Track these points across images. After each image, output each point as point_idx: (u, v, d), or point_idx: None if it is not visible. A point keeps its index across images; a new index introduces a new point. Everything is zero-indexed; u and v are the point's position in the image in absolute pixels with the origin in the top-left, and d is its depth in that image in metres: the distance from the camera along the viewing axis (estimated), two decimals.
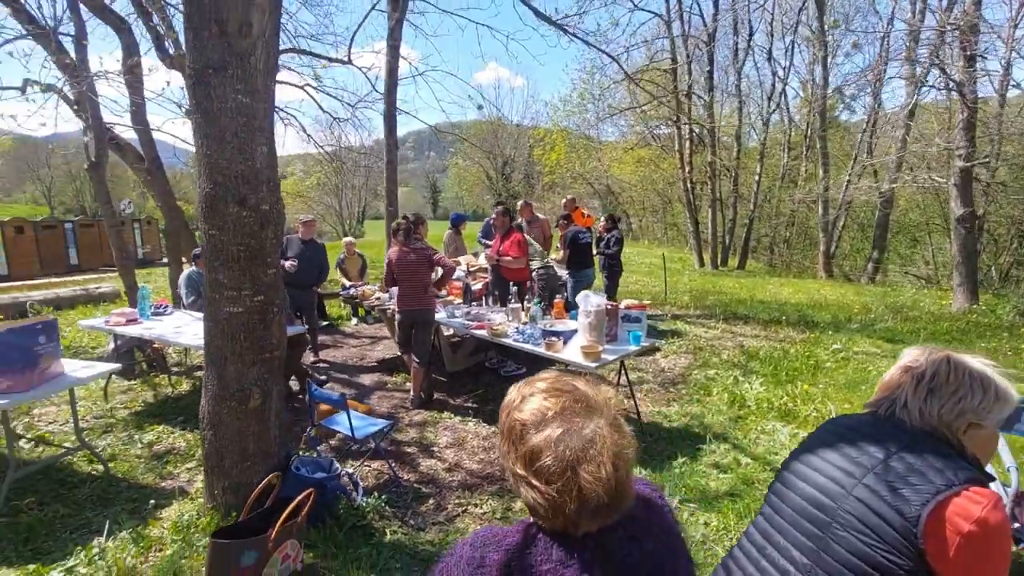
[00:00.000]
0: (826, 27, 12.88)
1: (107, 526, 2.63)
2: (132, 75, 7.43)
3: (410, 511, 2.98)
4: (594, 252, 6.63)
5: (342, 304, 8.03)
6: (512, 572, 0.82)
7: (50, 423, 4.11)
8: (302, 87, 11.71)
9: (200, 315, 3.51)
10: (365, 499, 2.95)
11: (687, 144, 16.47)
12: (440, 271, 4.15)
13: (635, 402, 4.20)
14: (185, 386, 4.93)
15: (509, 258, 4.89)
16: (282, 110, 12.34)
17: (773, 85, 16.60)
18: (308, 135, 13.85)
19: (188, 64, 2.30)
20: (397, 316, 4.19)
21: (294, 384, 4.79)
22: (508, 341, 3.90)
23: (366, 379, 5.24)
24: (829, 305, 9.03)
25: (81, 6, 6.49)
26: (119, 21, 7.33)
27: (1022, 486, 2.22)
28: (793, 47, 16.17)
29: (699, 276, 13.55)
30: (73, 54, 6.67)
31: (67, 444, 3.59)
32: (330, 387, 4.92)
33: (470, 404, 4.54)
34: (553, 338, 3.62)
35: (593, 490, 0.79)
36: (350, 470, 3.30)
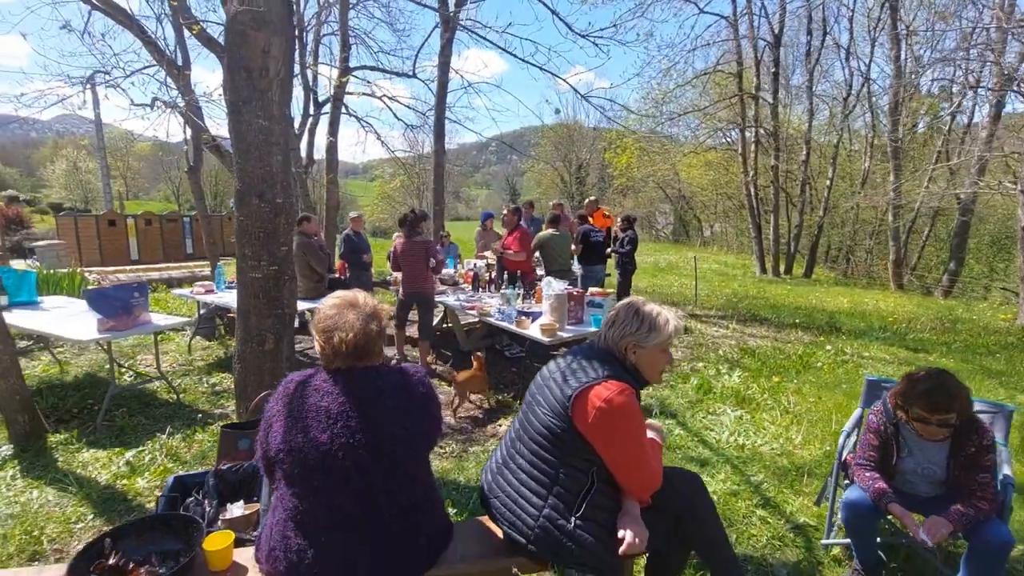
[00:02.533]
0: (899, 26, 12.16)
1: (167, 430, 3.65)
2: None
3: None
4: (608, 250, 7.09)
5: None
6: (300, 385, 1.54)
7: (147, 366, 5.36)
8: (379, 97, 13.05)
9: None
10: None
11: (751, 147, 16.11)
12: (434, 261, 4.88)
13: None
14: None
15: (511, 252, 5.55)
16: (361, 119, 13.77)
17: (850, 85, 15.73)
18: (382, 141, 15.18)
19: (226, 97, 3.23)
20: (399, 297, 4.99)
21: None
22: (491, 320, 4.57)
23: (389, 351, 6.13)
24: (870, 314, 8.75)
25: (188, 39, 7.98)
26: (222, 50, 8.88)
27: (848, 451, 2.55)
28: (874, 45, 15.25)
29: (752, 282, 13.31)
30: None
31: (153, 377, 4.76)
32: None
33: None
34: (523, 317, 4.24)
35: (339, 345, 1.50)
36: None
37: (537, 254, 5.98)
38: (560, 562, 1.58)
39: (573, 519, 1.57)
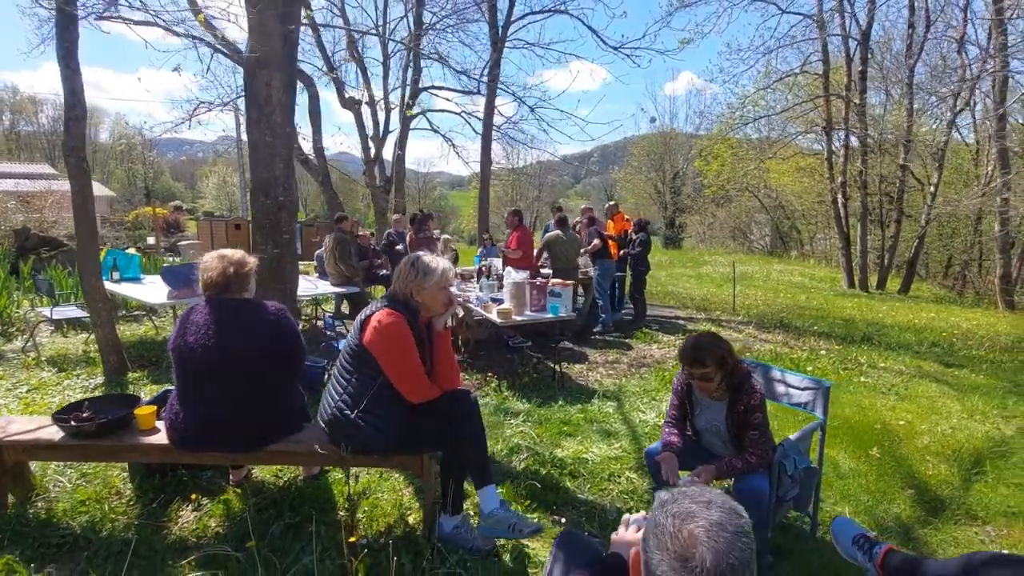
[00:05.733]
0: (1006, 6, 10.68)
1: None
2: (314, 116, 10.60)
3: None
4: (622, 251, 7.38)
5: None
6: (191, 309, 2.33)
7: None
8: (459, 114, 14.26)
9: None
10: None
11: (842, 151, 15.01)
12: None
13: (557, 366, 5.13)
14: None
15: (509, 250, 6.14)
16: (444, 134, 15.05)
17: (962, 79, 13.95)
18: (458, 154, 16.39)
19: (246, 118, 4.24)
20: None
21: None
22: (470, 305, 5.21)
23: None
24: (934, 330, 7.99)
25: None
26: (308, 80, 10.50)
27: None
28: (991, 33, 13.41)
29: (827, 296, 12.45)
30: None
31: None
32: None
33: (467, 360, 5.91)
34: (489, 302, 4.83)
35: (207, 281, 2.28)
36: None
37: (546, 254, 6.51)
38: (347, 442, 2.20)
39: (355, 411, 2.19)
